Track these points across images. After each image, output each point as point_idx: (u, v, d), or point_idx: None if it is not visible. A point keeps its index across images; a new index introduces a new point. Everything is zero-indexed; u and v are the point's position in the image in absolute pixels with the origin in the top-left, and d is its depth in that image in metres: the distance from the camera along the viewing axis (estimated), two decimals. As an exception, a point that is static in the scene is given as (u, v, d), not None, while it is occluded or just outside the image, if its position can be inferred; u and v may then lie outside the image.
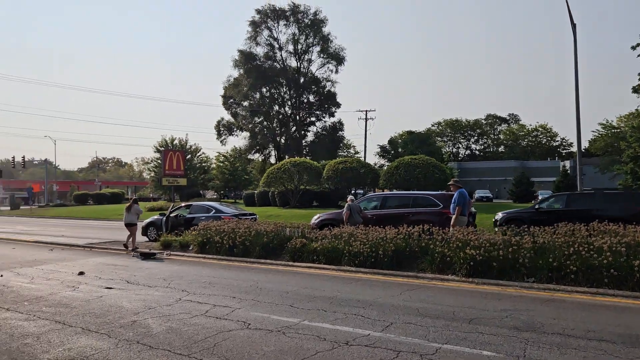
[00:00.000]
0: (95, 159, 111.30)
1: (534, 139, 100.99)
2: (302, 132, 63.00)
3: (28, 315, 8.13)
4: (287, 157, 54.65)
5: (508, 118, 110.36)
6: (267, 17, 60.25)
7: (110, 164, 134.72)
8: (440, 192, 17.75)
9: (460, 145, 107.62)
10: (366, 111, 59.82)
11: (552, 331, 6.71)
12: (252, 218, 18.77)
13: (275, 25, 60.75)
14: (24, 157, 67.12)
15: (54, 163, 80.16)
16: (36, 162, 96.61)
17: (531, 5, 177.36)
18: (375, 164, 59.23)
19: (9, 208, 56.35)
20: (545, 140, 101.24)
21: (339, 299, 8.86)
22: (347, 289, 9.81)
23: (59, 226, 30.08)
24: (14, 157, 66.64)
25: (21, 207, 57.26)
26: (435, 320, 7.31)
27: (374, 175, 37.57)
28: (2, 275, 12.02)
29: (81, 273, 12.08)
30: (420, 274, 11.09)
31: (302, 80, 61.83)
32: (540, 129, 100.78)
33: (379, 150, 65.57)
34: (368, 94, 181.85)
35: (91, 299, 9.18)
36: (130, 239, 16.59)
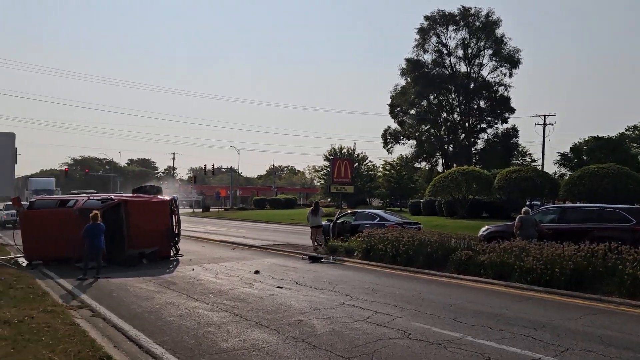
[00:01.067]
0: (272, 167, 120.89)
1: None
2: (472, 139, 60.55)
3: (212, 306, 9.12)
4: (455, 165, 53.03)
5: None
6: (436, 23, 59.34)
7: (285, 172, 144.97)
8: (634, 206, 15.58)
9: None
10: (544, 116, 55.28)
11: None
12: (416, 227, 18.58)
13: (444, 30, 59.55)
14: (213, 165, 75.84)
15: (238, 170, 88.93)
16: (223, 169, 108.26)
17: None
18: (554, 173, 54.25)
19: (200, 210, 64.01)
20: None
21: (507, 316, 8.30)
22: (517, 307, 9.14)
23: (240, 228, 33.24)
24: (205, 165, 75.69)
25: (210, 210, 64.63)
26: (622, 352, 6.42)
27: (552, 186, 34.50)
28: (193, 269, 13.69)
29: (257, 272, 13.18)
30: (605, 297, 9.85)
31: (472, 85, 59.56)
32: None
33: (558, 158, 59.87)
34: (547, 98, 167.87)
35: (264, 297, 9.95)
36: (317, 238, 18.22)
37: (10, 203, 21.17)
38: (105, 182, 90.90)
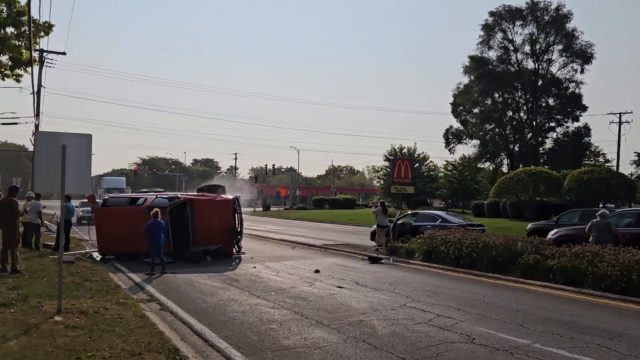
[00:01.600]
0: (331, 167, 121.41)
1: None
2: (539, 138, 58.03)
3: (274, 304, 9.26)
4: (521, 165, 51.07)
5: None
6: (502, 18, 57.32)
7: (344, 172, 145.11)
8: None
9: None
10: (620, 113, 52.28)
11: None
12: (479, 229, 18.06)
13: (510, 26, 57.40)
14: (273, 165, 77.12)
15: (297, 170, 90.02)
16: (283, 169, 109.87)
17: None
18: (630, 175, 51.11)
19: (261, 209, 65.23)
20: None
21: (578, 324, 7.89)
22: (590, 314, 8.67)
23: (300, 227, 33.59)
24: (266, 165, 77.04)
25: (271, 209, 65.73)
26: None
27: (629, 188, 32.51)
28: (255, 267, 13.97)
29: (317, 271, 13.26)
30: (689, 308, 9.17)
31: (540, 82, 57.08)
32: None
33: (636, 158, 56.39)
34: (623, 95, 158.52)
35: (325, 296, 10.00)
36: (381, 238, 18.29)
37: (86, 200, 22.42)
38: (171, 181, 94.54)
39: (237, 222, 17.30)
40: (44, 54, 27.50)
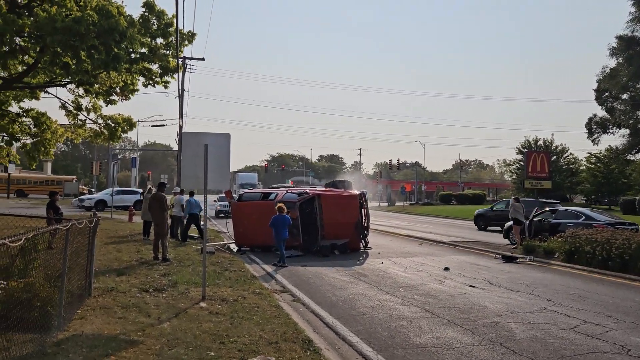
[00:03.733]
0: (458, 161, 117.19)
1: None
2: (702, 125, 50.60)
3: (402, 300, 9.16)
4: (680, 157, 44.94)
5: None
6: (656, -9, 50.85)
7: (472, 166, 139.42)
8: None
9: None
10: None
11: None
12: (632, 228, 16.20)
13: (667, -1, 50.69)
14: (398, 160, 76.56)
15: (422, 165, 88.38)
16: (408, 164, 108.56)
17: None
18: None
19: (386, 204, 65.06)
20: None
21: None
22: None
23: (426, 223, 32.90)
24: (390, 160, 76.70)
25: (396, 204, 65.30)
26: None
27: None
28: (382, 263, 13.94)
29: (446, 269, 12.86)
30: None
31: (703, 62, 49.69)
32: None
33: None
34: None
35: (455, 295, 9.65)
36: (517, 236, 17.46)
37: (223, 195, 24.13)
38: (299, 177, 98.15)
39: (363, 217, 17.41)
40: (186, 60, 30.01)
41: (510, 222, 18.84)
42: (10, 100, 16.74)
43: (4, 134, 17.03)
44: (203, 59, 32.56)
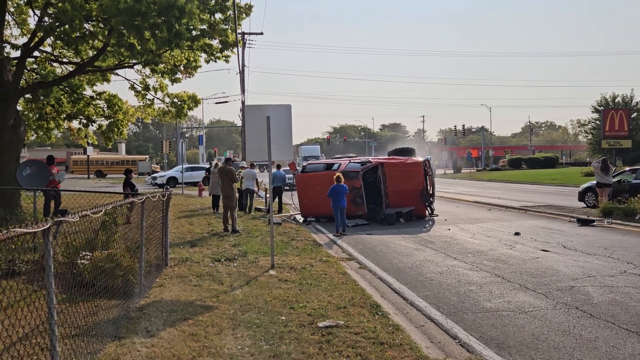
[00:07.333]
0: (528, 123, 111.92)
1: None
2: None
3: (471, 265, 9.00)
4: None
5: None
6: None
7: (543, 128, 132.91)
8: None
9: None
10: None
11: None
12: None
13: None
14: (463, 125, 74.36)
15: (489, 130, 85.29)
16: (474, 130, 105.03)
17: None
18: None
19: (452, 171, 63.57)
20: None
21: None
22: None
23: (494, 189, 31.89)
24: (455, 126, 74.87)
25: (462, 171, 63.67)
26: None
27: None
28: (449, 229, 13.72)
29: (517, 233, 12.47)
30: None
31: None
32: None
33: None
34: None
35: (527, 259, 9.36)
36: (604, 198, 16.44)
37: (288, 168, 24.51)
38: (362, 147, 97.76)
39: (428, 184, 17.13)
40: (245, 36, 30.33)
41: (586, 184, 17.87)
42: (85, 84, 17.64)
43: (81, 117, 18.02)
44: (261, 33, 32.84)
